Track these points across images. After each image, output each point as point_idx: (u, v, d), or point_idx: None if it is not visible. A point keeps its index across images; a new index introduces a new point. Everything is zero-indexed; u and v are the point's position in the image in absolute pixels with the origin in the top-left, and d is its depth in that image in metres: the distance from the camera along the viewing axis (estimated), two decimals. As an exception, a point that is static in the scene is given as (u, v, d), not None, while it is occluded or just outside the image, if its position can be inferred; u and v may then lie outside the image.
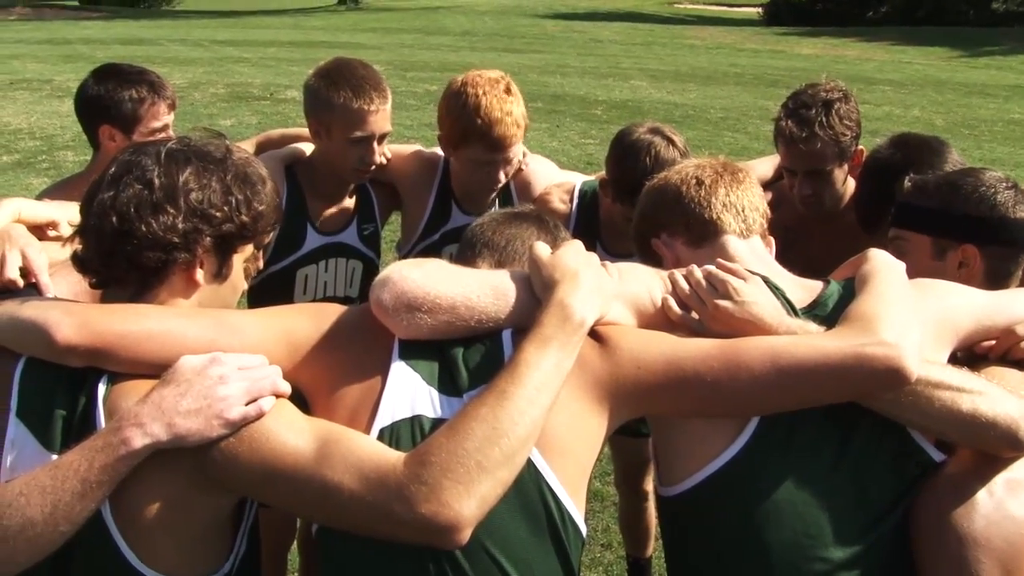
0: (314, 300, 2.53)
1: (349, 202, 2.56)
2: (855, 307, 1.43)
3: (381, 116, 2.33)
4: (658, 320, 1.48)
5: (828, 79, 2.51)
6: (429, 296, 1.37)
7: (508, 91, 2.34)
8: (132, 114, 2.44)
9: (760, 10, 29.75)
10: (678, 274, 1.52)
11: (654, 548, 3.10)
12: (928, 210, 1.83)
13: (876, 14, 27.70)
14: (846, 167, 2.43)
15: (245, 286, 1.52)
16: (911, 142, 2.30)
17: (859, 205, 2.35)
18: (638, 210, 1.78)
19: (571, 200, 2.51)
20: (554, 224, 1.67)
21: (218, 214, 1.37)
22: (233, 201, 1.38)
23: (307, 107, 2.39)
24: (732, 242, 1.64)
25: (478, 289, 1.40)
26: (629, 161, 2.30)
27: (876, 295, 1.44)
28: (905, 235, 1.85)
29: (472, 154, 2.35)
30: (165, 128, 2.50)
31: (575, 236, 2.21)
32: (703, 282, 1.48)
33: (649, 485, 2.97)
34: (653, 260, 1.70)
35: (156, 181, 1.35)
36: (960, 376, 1.42)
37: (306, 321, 1.44)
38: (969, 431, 1.39)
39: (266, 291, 2.46)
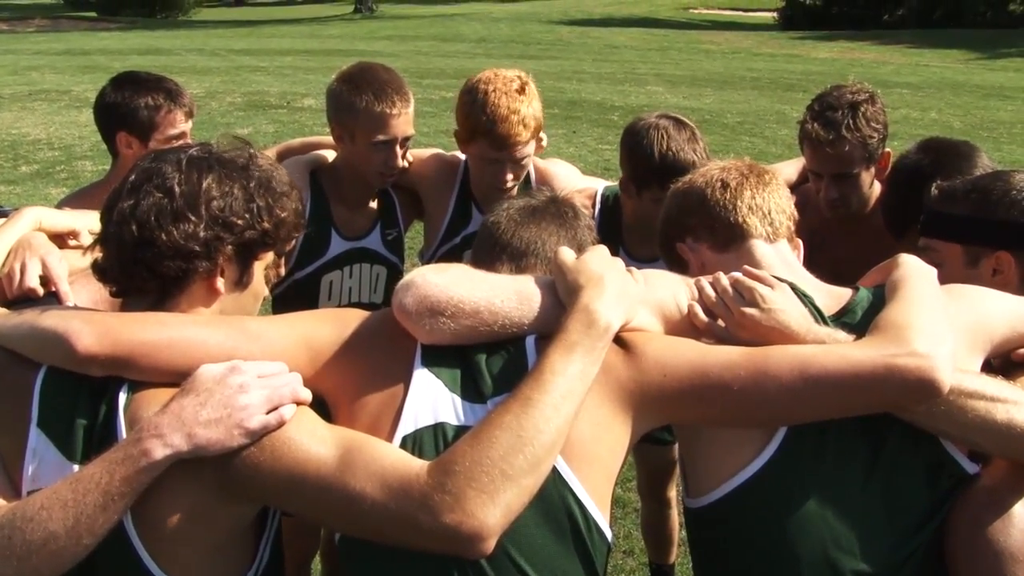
0: (339, 306, 2.52)
1: (372, 207, 2.56)
2: (886, 315, 1.39)
3: (404, 120, 2.33)
4: (684, 327, 1.46)
5: (854, 81, 2.47)
6: (452, 300, 1.35)
7: (522, 91, 2.31)
8: (148, 121, 2.43)
9: (775, 14, 29.68)
10: (704, 281, 1.49)
11: (677, 555, 3.08)
12: (959, 218, 1.78)
13: (892, 17, 27.57)
14: (873, 170, 2.40)
15: (267, 293, 1.51)
16: (939, 147, 2.26)
17: (887, 211, 2.31)
18: (662, 214, 1.74)
19: (593, 205, 2.50)
20: (573, 214, 1.62)
21: (239, 222, 1.35)
22: (255, 208, 1.37)
23: (330, 112, 2.39)
24: (759, 246, 1.60)
25: (502, 294, 1.38)
26: (642, 147, 2.28)
27: (907, 302, 1.40)
28: (936, 245, 1.79)
29: (479, 151, 2.35)
30: (183, 136, 2.49)
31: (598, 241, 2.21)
32: (729, 289, 1.45)
33: (672, 492, 2.95)
34: (678, 265, 1.67)
35: (177, 189, 1.33)
36: (995, 385, 1.38)
37: (327, 327, 1.42)
38: (1005, 441, 1.35)
39: (291, 298, 2.46)
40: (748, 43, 22.11)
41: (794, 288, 1.48)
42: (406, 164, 2.45)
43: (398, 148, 2.36)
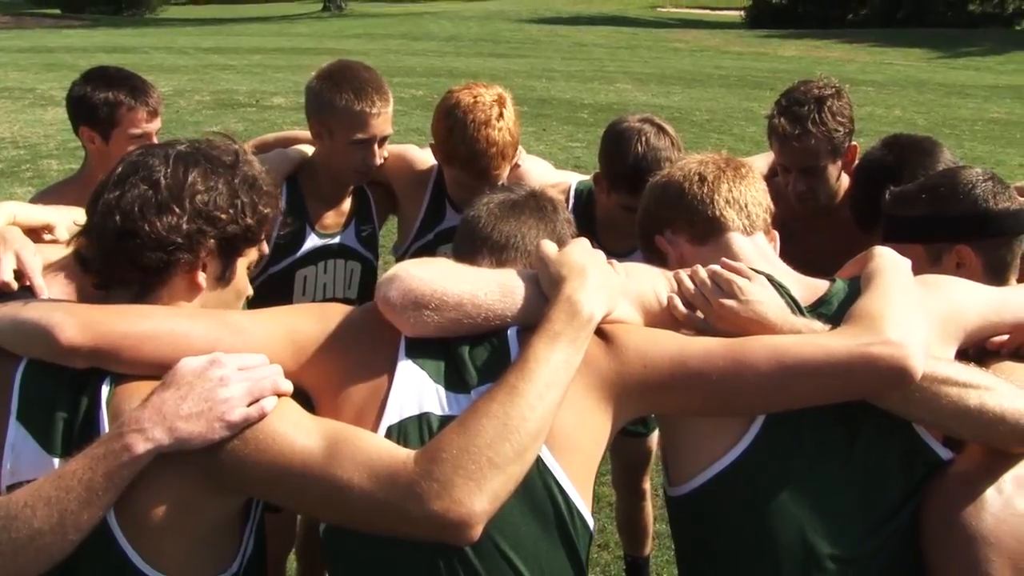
0: (314, 301, 2.52)
1: (347, 203, 2.57)
2: (860, 305, 1.43)
3: (383, 119, 2.34)
4: (664, 319, 1.48)
5: (821, 76, 2.51)
6: (436, 293, 1.36)
7: (500, 116, 2.29)
8: (108, 118, 2.41)
9: (742, 13, 29.94)
10: (683, 274, 1.51)
11: (652, 547, 3.12)
12: (915, 219, 1.83)
13: (856, 16, 27.93)
14: (840, 163, 2.44)
15: (250, 291, 1.51)
16: (903, 143, 2.31)
17: (854, 207, 2.35)
18: (641, 207, 1.77)
19: (567, 199, 2.52)
20: (552, 207, 1.64)
21: (223, 216, 1.36)
22: (239, 204, 1.38)
23: (309, 109, 2.40)
24: (736, 239, 1.63)
25: (485, 286, 1.40)
26: (621, 148, 2.30)
27: (881, 293, 1.44)
28: (898, 248, 1.80)
29: (455, 175, 2.37)
30: (147, 136, 2.46)
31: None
32: (708, 281, 1.48)
33: (647, 484, 2.99)
34: (657, 257, 1.70)
35: (162, 181, 1.34)
36: (967, 372, 1.41)
37: (311, 321, 1.43)
38: (977, 427, 1.38)
39: (265, 293, 2.44)
40: (716, 41, 22.28)
41: (771, 280, 1.51)
42: (381, 161, 2.47)
43: (376, 147, 2.37)
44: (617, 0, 34.94)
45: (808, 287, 1.57)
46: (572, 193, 2.53)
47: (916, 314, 1.39)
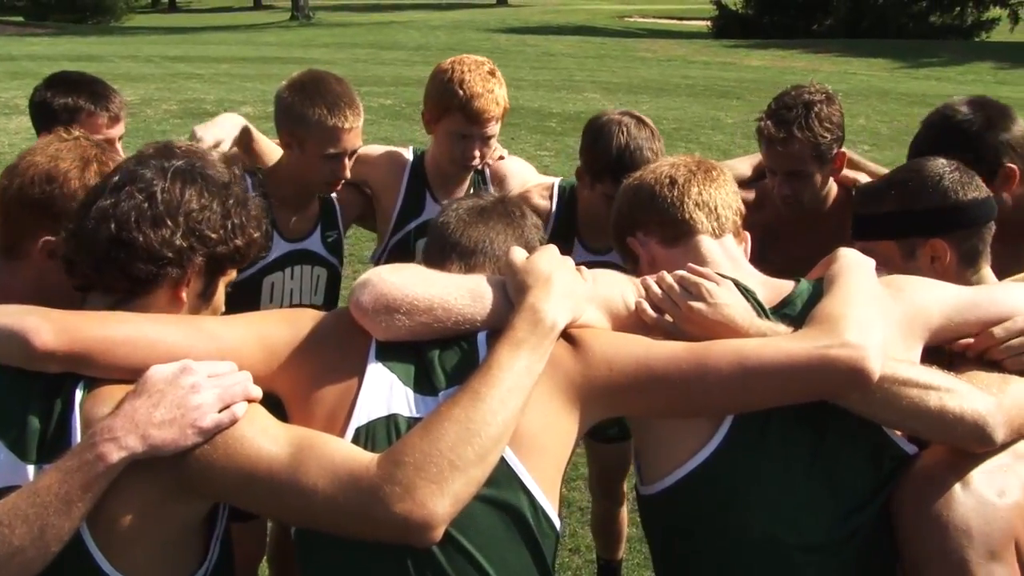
0: (281, 308, 2.54)
1: (313, 209, 2.58)
2: (821, 308, 1.46)
3: (355, 133, 2.37)
4: (631, 324, 1.52)
5: (813, 82, 2.55)
6: (407, 298, 1.40)
7: (492, 73, 2.47)
8: (68, 123, 2.35)
9: (708, 23, 30.21)
10: (650, 280, 1.55)
11: (624, 551, 3.15)
12: (885, 215, 1.85)
13: (821, 26, 28.28)
14: (827, 169, 2.46)
15: (223, 309, 1.54)
16: (992, 104, 2.28)
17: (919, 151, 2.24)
18: (615, 208, 1.81)
19: (551, 197, 2.58)
20: (520, 213, 1.68)
21: (214, 236, 1.40)
22: (230, 225, 1.41)
23: (279, 119, 2.41)
24: (705, 242, 1.66)
25: (455, 292, 1.43)
26: (603, 140, 2.38)
27: (842, 294, 1.47)
28: (872, 246, 1.84)
29: (451, 125, 2.45)
30: (109, 142, 2.43)
31: (556, 232, 2.33)
32: (675, 286, 1.51)
33: (624, 489, 3.02)
34: (631, 258, 1.74)
35: (159, 196, 1.37)
36: (928, 373, 1.44)
37: (282, 326, 1.46)
38: (937, 427, 1.42)
39: (233, 299, 2.46)
40: (683, 51, 22.47)
41: (737, 284, 1.55)
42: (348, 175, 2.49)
43: (346, 160, 2.39)
44: (585, 10, 35.14)
45: (773, 288, 1.61)
46: (555, 191, 2.60)
47: (875, 315, 1.43)
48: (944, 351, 1.60)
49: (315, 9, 36.33)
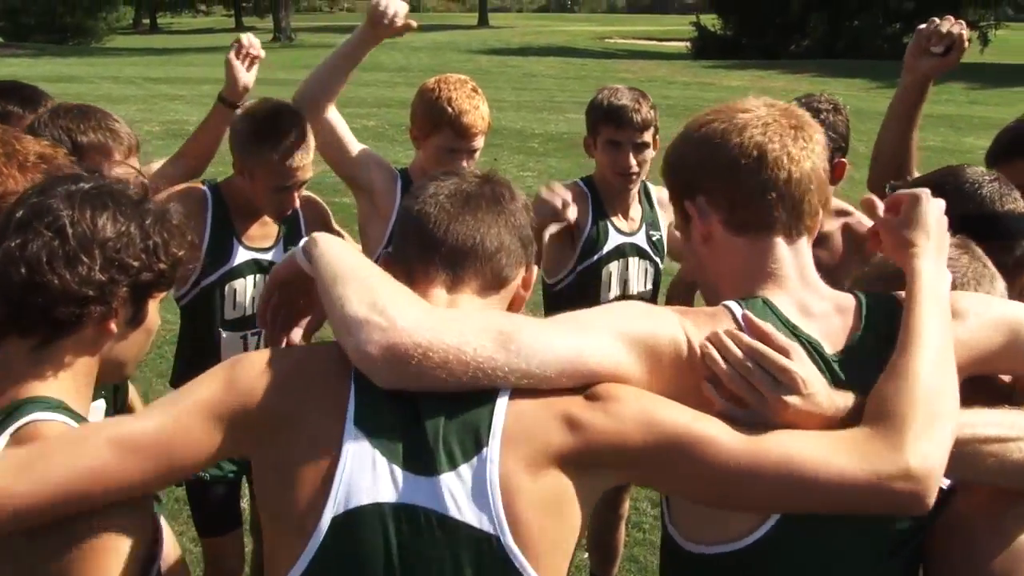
0: (244, 316, 2.58)
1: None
2: (883, 396, 1.24)
3: (305, 169, 2.44)
4: (673, 378, 1.26)
5: (823, 92, 2.62)
6: (420, 347, 1.16)
7: (475, 91, 2.62)
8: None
9: (688, 44, 30.57)
10: (711, 347, 1.26)
11: (618, 569, 3.14)
12: None
13: (798, 47, 28.70)
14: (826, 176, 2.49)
15: (159, 323, 1.42)
16: None
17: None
18: (677, 153, 1.45)
19: (581, 195, 2.79)
20: (509, 196, 1.41)
21: (135, 263, 1.28)
22: (150, 246, 1.30)
23: (232, 143, 2.47)
24: (779, 247, 1.37)
25: (475, 340, 1.18)
26: (597, 98, 2.80)
27: (912, 372, 1.25)
28: None
29: (441, 141, 2.56)
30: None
31: (590, 210, 2.77)
32: (751, 367, 1.23)
33: (626, 506, 3.04)
34: (682, 215, 1.45)
35: (69, 229, 1.24)
36: (1005, 423, 1.33)
37: (219, 390, 1.22)
38: (1021, 479, 1.33)
39: (196, 306, 2.57)
40: (663, 71, 22.69)
41: (799, 337, 1.30)
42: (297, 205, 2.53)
43: (295, 193, 2.47)
44: (565, 32, 35.44)
45: (835, 327, 1.36)
46: (582, 186, 2.85)
47: (946, 408, 1.24)
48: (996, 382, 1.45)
49: (297, 31, 36.46)
